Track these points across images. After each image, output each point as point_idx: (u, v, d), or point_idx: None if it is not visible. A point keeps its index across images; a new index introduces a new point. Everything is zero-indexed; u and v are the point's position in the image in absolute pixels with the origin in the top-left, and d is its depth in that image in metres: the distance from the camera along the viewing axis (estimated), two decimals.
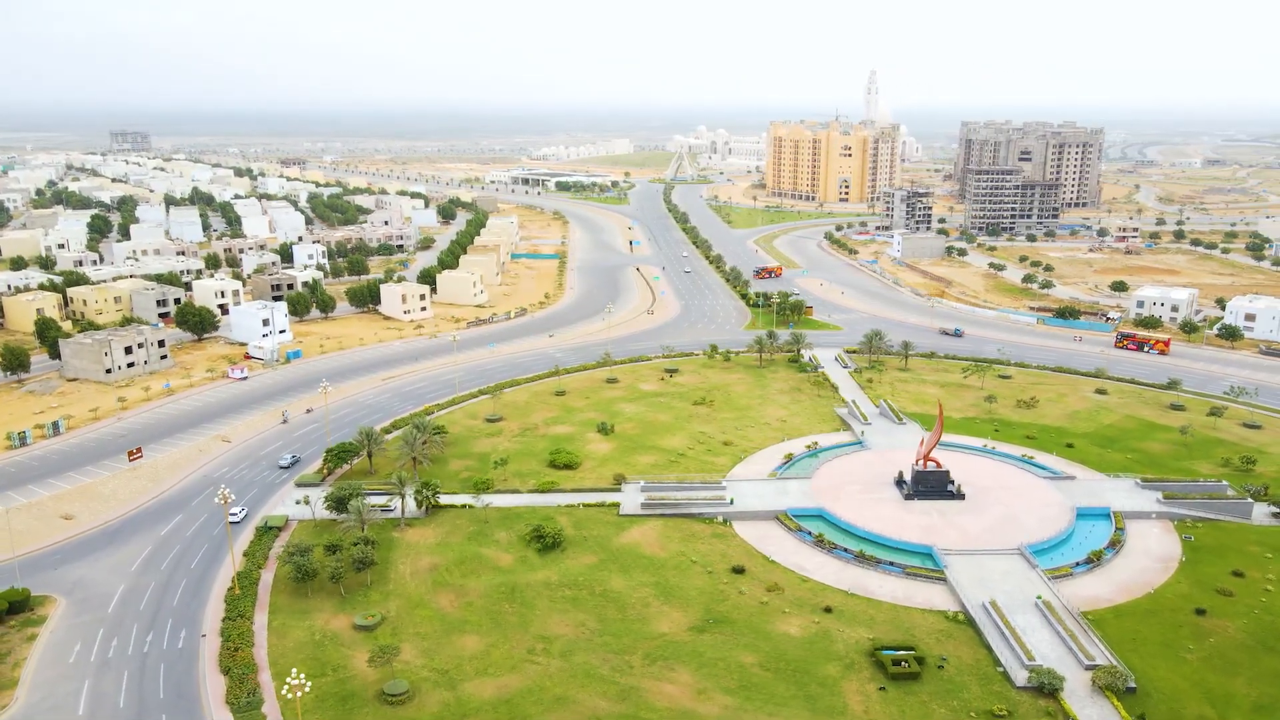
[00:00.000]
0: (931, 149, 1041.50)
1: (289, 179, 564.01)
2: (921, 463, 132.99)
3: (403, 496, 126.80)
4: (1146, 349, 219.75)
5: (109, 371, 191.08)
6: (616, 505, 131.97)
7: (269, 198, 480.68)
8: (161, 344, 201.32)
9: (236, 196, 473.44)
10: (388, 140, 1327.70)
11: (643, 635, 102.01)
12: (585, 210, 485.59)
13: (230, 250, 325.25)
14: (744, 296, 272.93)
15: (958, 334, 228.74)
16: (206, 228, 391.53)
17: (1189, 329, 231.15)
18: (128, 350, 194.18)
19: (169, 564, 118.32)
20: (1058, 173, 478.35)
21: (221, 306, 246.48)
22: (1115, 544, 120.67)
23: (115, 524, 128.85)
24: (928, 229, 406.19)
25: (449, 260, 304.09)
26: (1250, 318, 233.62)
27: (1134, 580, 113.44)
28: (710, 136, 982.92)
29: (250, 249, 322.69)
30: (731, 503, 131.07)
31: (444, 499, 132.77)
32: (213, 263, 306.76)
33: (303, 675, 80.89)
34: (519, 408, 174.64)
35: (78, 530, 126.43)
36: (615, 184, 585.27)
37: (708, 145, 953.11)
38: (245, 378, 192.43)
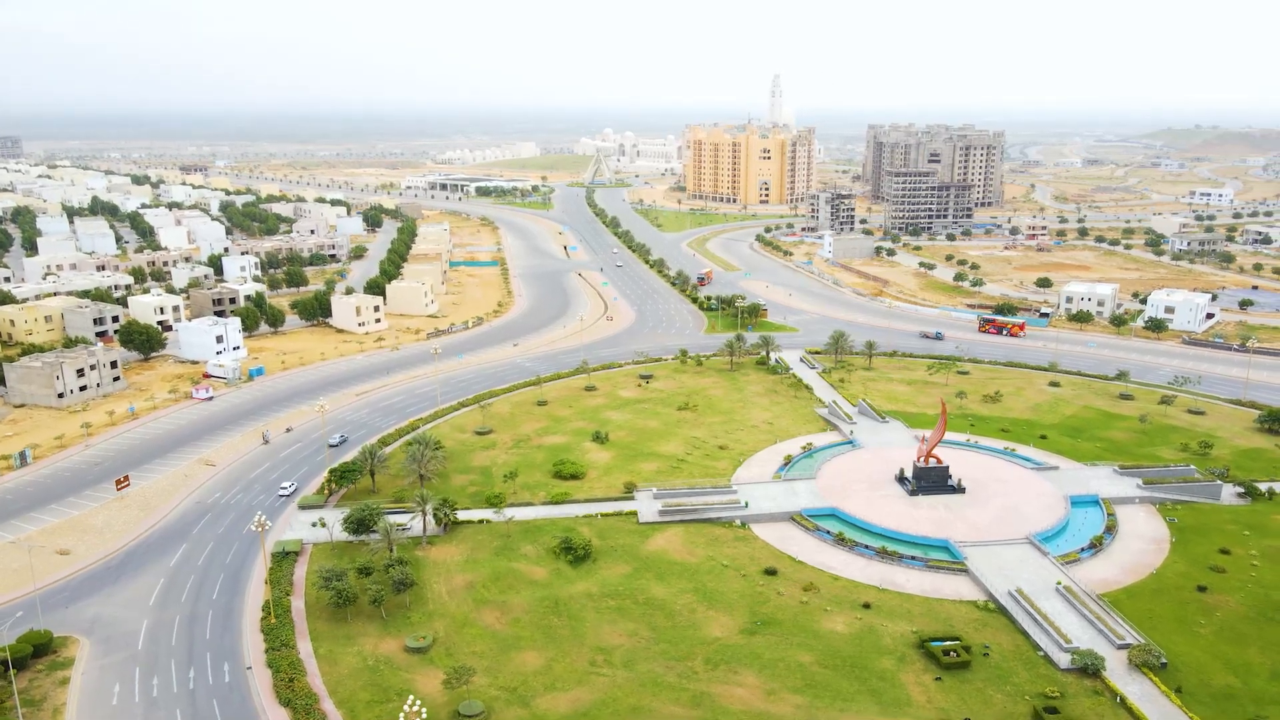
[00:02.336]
0: (830, 149, 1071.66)
1: (194, 186, 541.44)
2: (924, 459, 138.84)
3: (424, 514, 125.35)
4: (1004, 333, 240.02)
5: (61, 395, 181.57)
6: (634, 514, 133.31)
7: (177, 206, 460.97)
8: (114, 365, 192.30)
9: (144, 206, 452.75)
10: (279, 144, 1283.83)
11: (697, 641, 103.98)
12: (511, 216, 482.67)
13: (155, 264, 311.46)
14: (694, 300, 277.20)
15: (939, 337, 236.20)
16: (118, 240, 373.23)
17: (1118, 322, 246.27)
18: (79, 373, 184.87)
19: (188, 596, 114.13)
20: (965, 174, 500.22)
21: (161, 323, 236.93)
22: (1111, 529, 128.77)
23: (117, 557, 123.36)
24: (851, 230, 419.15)
25: (390, 269, 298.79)
26: (1170, 310, 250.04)
27: (1135, 562, 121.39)
28: (617, 139, 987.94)
29: (178, 262, 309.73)
30: (746, 506, 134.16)
31: (460, 514, 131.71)
32: (138, 277, 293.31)
33: (419, 702, 79.84)
34: (505, 419, 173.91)
35: (79, 566, 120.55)
36: (536, 188, 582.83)
37: (615, 148, 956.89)
38: (211, 397, 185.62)
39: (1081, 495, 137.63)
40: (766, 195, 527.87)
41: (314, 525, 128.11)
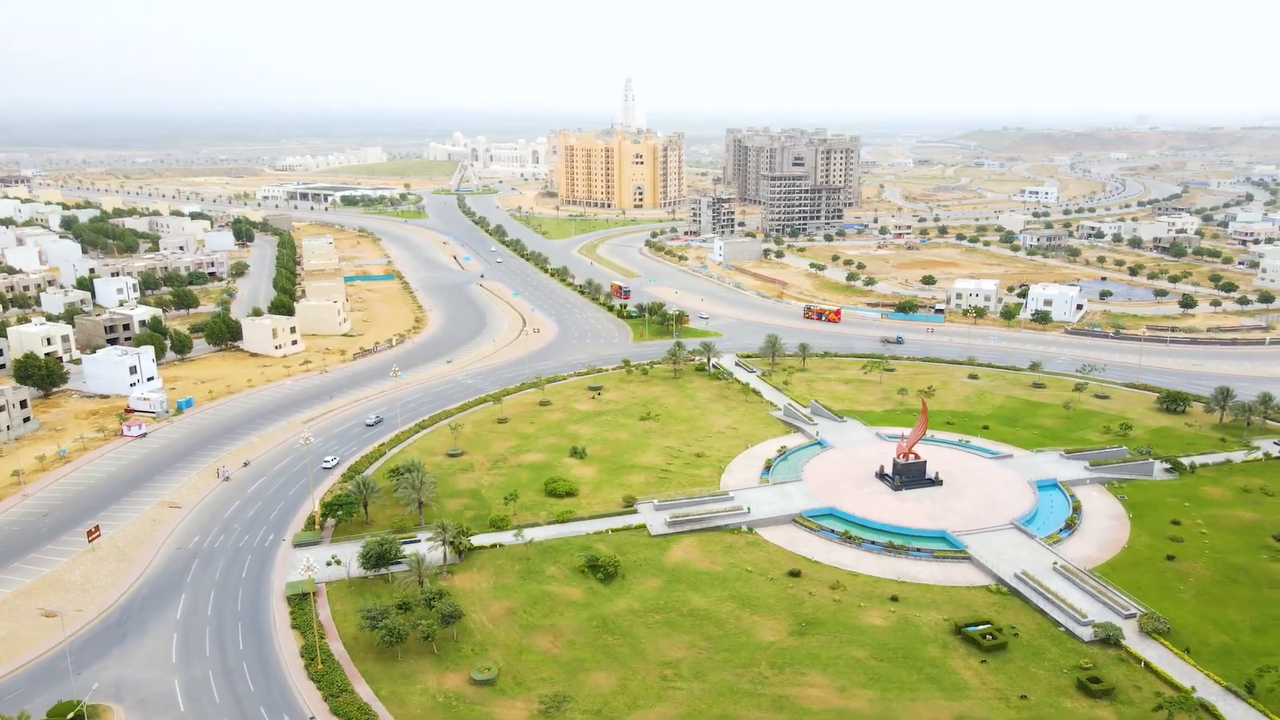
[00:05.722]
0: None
1: (23, 201, 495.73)
2: (904, 456, 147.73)
3: (445, 543, 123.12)
4: (823, 319, 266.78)
5: None
6: (643, 527, 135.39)
7: (10, 223, 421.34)
8: (24, 404, 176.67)
9: None
10: (86, 150, 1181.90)
11: (755, 646, 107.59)
12: (388, 226, 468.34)
13: (14, 288, 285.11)
14: (610, 308, 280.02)
15: (899, 341, 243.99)
16: None
17: (1008, 316, 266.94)
18: None
19: (212, 649, 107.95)
20: (827, 176, 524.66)
21: (49, 354, 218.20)
22: (1078, 509, 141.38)
23: (112, 614, 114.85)
24: (732, 232, 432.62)
25: (287, 286, 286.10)
26: (1048, 303, 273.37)
27: (1107, 539, 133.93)
28: (469, 143, 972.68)
29: (44, 286, 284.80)
30: (748, 511, 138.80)
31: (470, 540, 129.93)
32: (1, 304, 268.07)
33: None
34: (472, 439, 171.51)
35: (74, 628, 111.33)
36: (404, 196, 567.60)
37: (467, 153, 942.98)
38: (145, 434, 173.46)
39: (1042, 480, 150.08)
40: (640, 200, 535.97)
41: (328, 564, 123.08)
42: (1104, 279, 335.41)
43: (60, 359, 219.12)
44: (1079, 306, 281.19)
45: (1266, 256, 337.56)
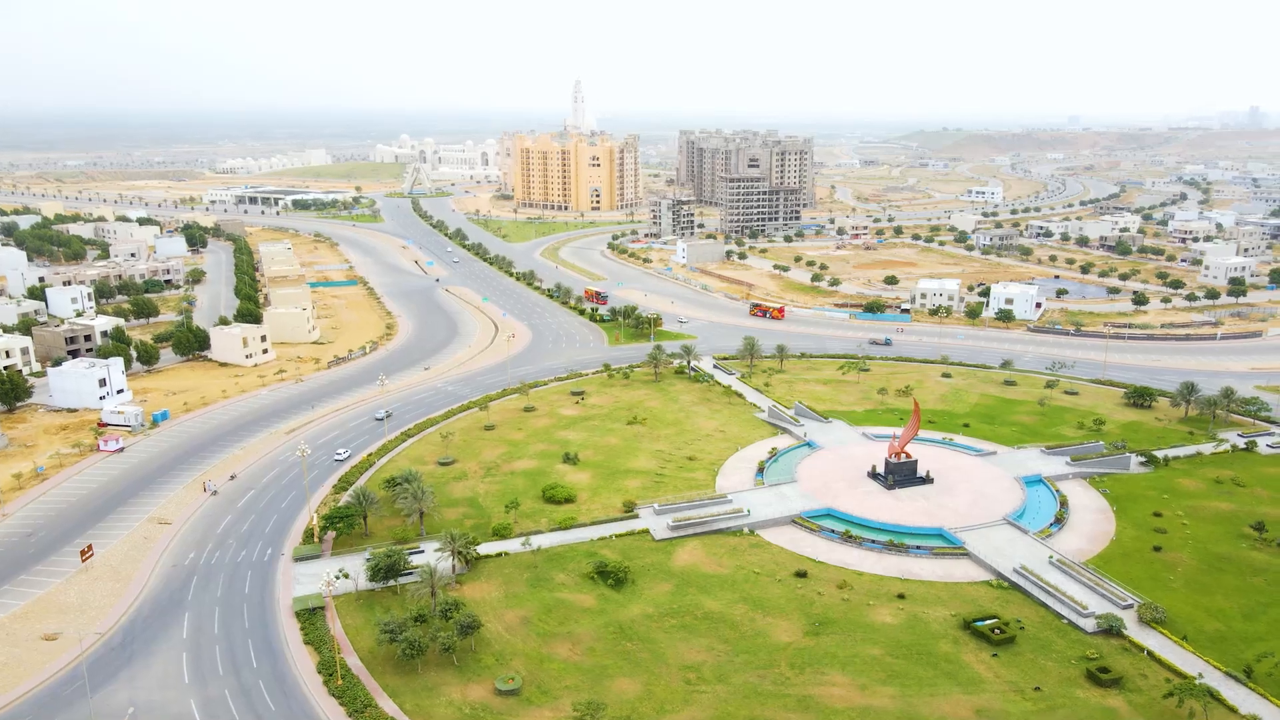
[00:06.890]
0: None
1: None
2: (895, 455, 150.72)
3: (455, 553, 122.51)
4: (767, 315, 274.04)
5: None
6: (646, 532, 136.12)
7: None
8: None
9: None
10: (13, 152, 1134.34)
11: (772, 648, 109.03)
12: (344, 231, 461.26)
13: None
14: (581, 312, 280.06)
15: (887, 342, 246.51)
16: None
17: (973, 314, 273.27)
18: None
19: (225, 668, 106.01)
20: (782, 178, 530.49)
21: (9, 367, 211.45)
22: (1064, 504, 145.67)
23: (115, 636, 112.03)
24: (691, 234, 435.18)
25: (250, 293, 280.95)
26: (1009, 302, 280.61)
27: (1095, 532, 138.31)
28: (416, 146, 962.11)
29: None
30: (749, 514, 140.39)
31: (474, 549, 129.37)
32: None
33: None
34: (461, 447, 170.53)
35: (77, 651, 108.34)
36: (357, 200, 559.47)
37: (415, 155, 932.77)
38: (122, 448, 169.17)
39: (1028, 476, 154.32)
40: (598, 202, 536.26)
41: (337, 577, 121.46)
42: (1057, 277, 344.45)
43: (20, 371, 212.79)
44: (1038, 305, 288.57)
45: (1209, 254, 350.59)
